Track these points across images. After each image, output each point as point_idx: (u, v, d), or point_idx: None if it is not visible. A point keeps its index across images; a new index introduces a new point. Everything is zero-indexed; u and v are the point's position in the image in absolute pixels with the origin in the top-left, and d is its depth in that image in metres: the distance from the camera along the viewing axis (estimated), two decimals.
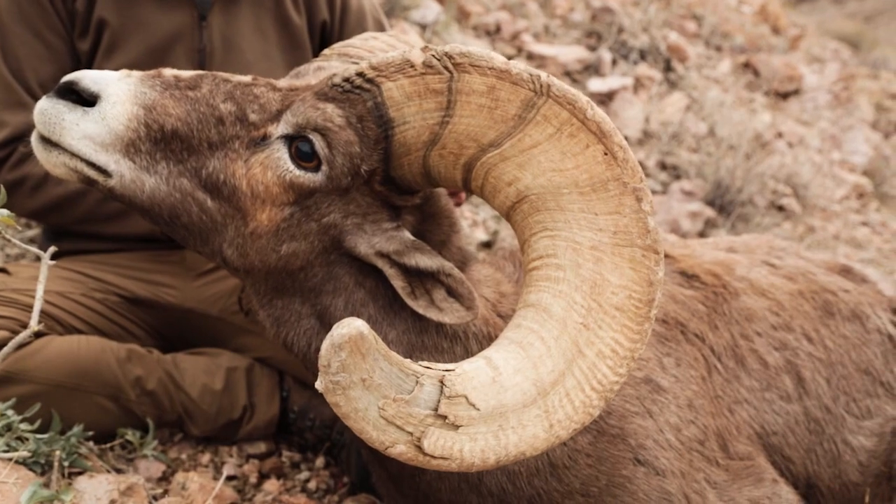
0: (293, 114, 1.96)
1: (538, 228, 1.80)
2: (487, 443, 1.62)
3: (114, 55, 3.08)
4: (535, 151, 1.77)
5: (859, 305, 2.99)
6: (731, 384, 2.59)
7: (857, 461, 2.79)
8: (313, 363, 2.14)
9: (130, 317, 3.22)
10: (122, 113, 1.91)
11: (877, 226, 6.98)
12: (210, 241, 2.05)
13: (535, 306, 1.75)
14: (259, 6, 3.26)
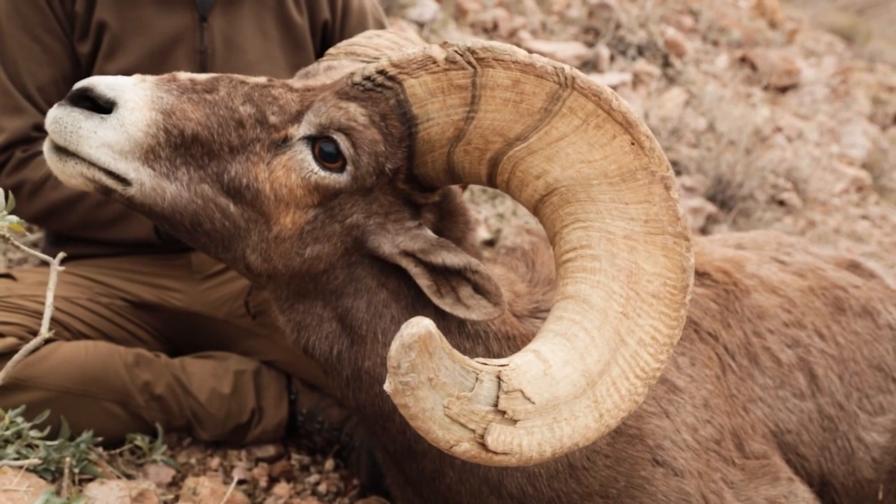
0: (315, 114, 1.94)
1: (570, 220, 1.80)
2: (543, 436, 1.62)
3: (115, 58, 3.05)
4: (563, 143, 1.77)
5: (870, 301, 2.98)
6: (745, 382, 2.58)
7: (871, 458, 2.78)
8: (335, 367, 2.13)
9: (136, 321, 3.20)
10: (140, 119, 1.87)
11: (877, 219, 6.98)
12: (233, 248, 2.01)
13: (574, 298, 1.75)
14: (261, 6, 3.23)
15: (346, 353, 2.11)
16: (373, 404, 2.14)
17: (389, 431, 2.17)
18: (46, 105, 3.03)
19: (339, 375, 2.15)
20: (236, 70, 3.17)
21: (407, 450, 2.19)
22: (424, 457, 2.18)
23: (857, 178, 7.36)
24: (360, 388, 2.13)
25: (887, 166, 7.97)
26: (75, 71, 3.08)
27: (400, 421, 2.12)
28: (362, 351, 2.08)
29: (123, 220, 3.06)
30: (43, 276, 3.08)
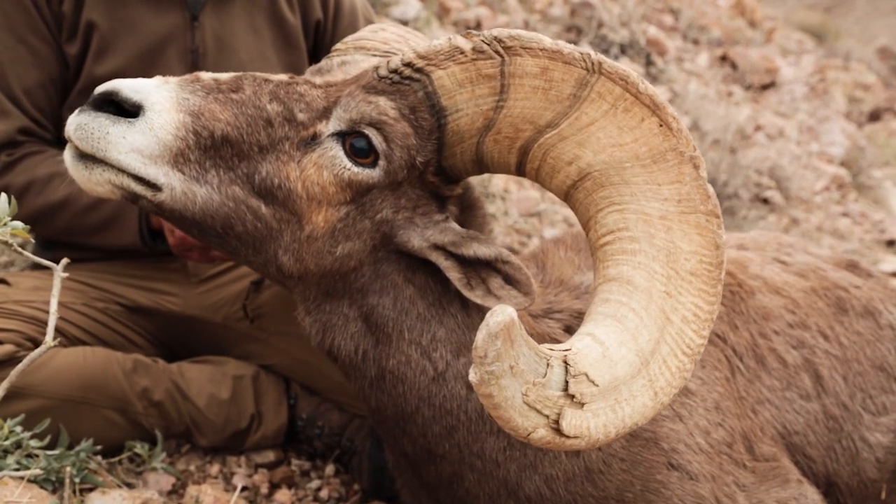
0: (344, 109, 1.91)
1: (605, 204, 1.81)
2: (608, 417, 1.65)
3: (104, 58, 3.00)
4: (593, 129, 1.79)
5: (871, 301, 3.00)
6: (753, 384, 2.58)
7: (875, 458, 2.79)
8: (359, 368, 2.10)
9: (132, 326, 3.15)
10: (169, 121, 1.81)
11: (857, 216, 7.05)
12: (264, 250, 1.98)
13: (617, 280, 1.77)
14: (252, 5, 3.19)
15: (371, 353, 2.08)
16: (395, 405, 2.11)
17: (410, 433, 2.15)
18: (33, 108, 2.98)
19: (362, 376, 2.12)
20: (228, 69, 3.10)
21: (426, 452, 2.17)
22: (443, 460, 2.17)
23: (836, 176, 7.43)
24: (383, 388, 2.10)
25: (865, 164, 8.05)
26: (63, 73, 3.03)
27: (421, 422, 2.10)
28: (387, 350, 2.07)
29: (109, 227, 2.99)
30: (37, 280, 3.03)
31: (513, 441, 2.14)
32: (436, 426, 2.11)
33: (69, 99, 3.06)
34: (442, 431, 2.12)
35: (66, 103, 3.06)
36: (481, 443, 2.13)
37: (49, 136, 3.06)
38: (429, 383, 2.08)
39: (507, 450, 2.15)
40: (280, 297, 3.18)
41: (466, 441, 2.12)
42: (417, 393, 2.08)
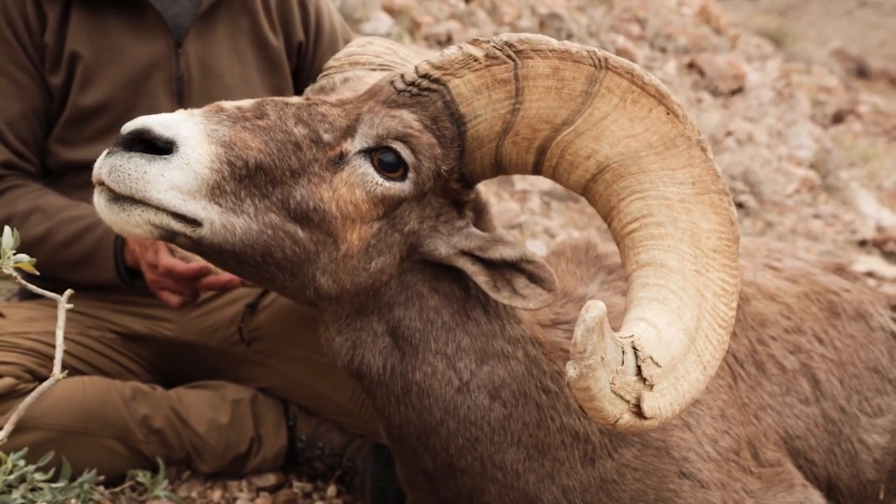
0: (370, 126, 1.93)
1: (626, 193, 1.89)
2: (672, 395, 1.73)
3: (89, 88, 2.99)
4: (607, 122, 1.86)
5: (862, 304, 3.05)
6: (755, 391, 2.61)
7: (873, 459, 2.83)
8: (385, 385, 2.11)
9: (128, 353, 3.13)
10: (204, 155, 1.79)
11: (828, 218, 7.16)
12: (302, 273, 1.96)
13: (651, 264, 1.84)
14: (235, 29, 3.19)
15: (398, 367, 2.09)
16: (419, 419, 2.12)
17: (432, 448, 2.16)
18: (16, 140, 2.96)
19: (388, 392, 2.12)
20: (214, 95, 3.10)
21: (447, 467, 2.18)
22: (465, 473, 2.18)
23: (806, 179, 7.54)
24: (408, 402, 2.11)
25: (832, 166, 8.19)
26: (46, 104, 3.01)
27: (445, 435, 2.12)
28: (414, 362, 2.08)
29: (86, 264, 2.94)
30: (30, 311, 3.00)
31: (531, 452, 2.17)
32: (460, 438, 2.12)
33: (54, 131, 3.04)
34: (465, 444, 2.13)
35: (51, 135, 3.04)
36: (503, 454, 2.15)
37: (32, 169, 3.04)
38: (454, 394, 2.10)
39: (527, 461, 2.17)
40: (276, 318, 3.17)
41: (489, 453, 2.14)
42: (443, 405, 2.10)
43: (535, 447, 2.17)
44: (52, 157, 3.07)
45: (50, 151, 3.07)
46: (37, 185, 3.00)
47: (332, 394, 3.11)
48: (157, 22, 3.03)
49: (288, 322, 3.16)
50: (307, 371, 3.14)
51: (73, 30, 2.97)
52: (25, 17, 2.95)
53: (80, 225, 2.90)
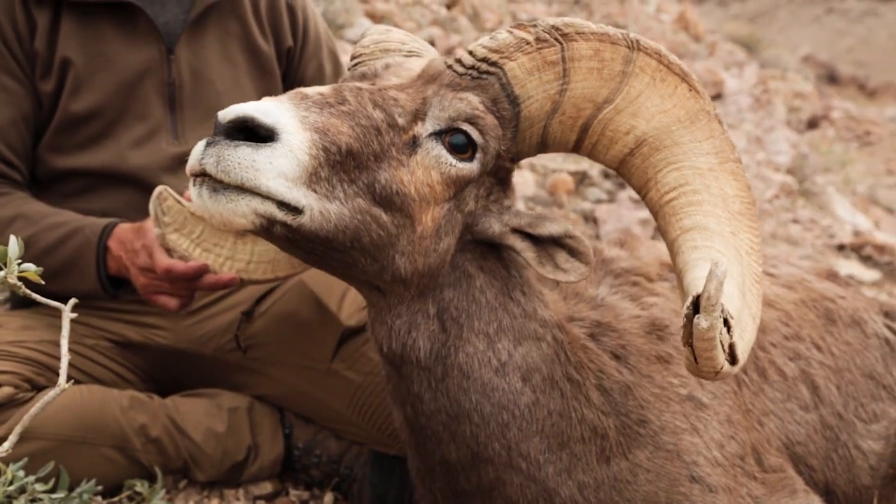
0: (441, 108, 1.98)
1: (662, 165, 2.03)
2: (742, 344, 1.87)
3: (80, 94, 2.97)
4: (641, 99, 2.01)
5: (857, 311, 3.08)
6: (758, 397, 2.64)
7: (868, 465, 2.87)
8: (428, 368, 2.14)
9: (123, 362, 3.10)
10: (303, 141, 1.79)
11: (807, 222, 7.23)
12: (382, 257, 1.99)
13: (695, 228, 1.98)
14: (226, 34, 3.18)
15: (441, 350, 2.13)
16: (453, 403, 2.15)
17: (461, 435, 2.17)
18: (4, 147, 2.93)
19: (428, 378, 2.15)
20: (205, 101, 3.12)
21: (472, 456, 2.19)
22: (489, 463, 2.19)
23: (785, 184, 7.61)
24: (446, 386, 2.14)
25: (809, 171, 8.27)
26: (36, 111, 2.98)
27: (478, 419, 2.15)
28: (458, 343, 2.12)
29: (67, 272, 2.88)
30: (24, 319, 2.96)
31: (552, 444, 2.21)
32: (491, 423, 2.15)
33: (44, 138, 3.00)
34: (495, 429, 2.16)
35: (41, 142, 3.00)
36: (528, 443, 2.18)
37: (20, 178, 3.00)
38: (492, 376, 2.14)
39: (547, 452, 2.21)
40: (273, 326, 3.15)
41: (516, 440, 2.17)
42: (481, 387, 2.14)
43: (555, 438, 2.20)
44: (41, 164, 3.03)
45: (39, 159, 3.03)
46: (23, 194, 2.96)
47: (329, 401, 3.10)
48: (148, 28, 3.01)
49: (284, 329, 3.15)
50: (304, 378, 3.13)
51: (64, 35, 2.95)
52: (15, 23, 2.92)
53: (62, 231, 2.86)
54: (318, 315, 3.13)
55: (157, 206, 2.59)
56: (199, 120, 3.10)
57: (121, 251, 2.80)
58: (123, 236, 2.82)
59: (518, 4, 8.84)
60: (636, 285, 2.68)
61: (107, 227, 2.86)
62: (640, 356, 2.44)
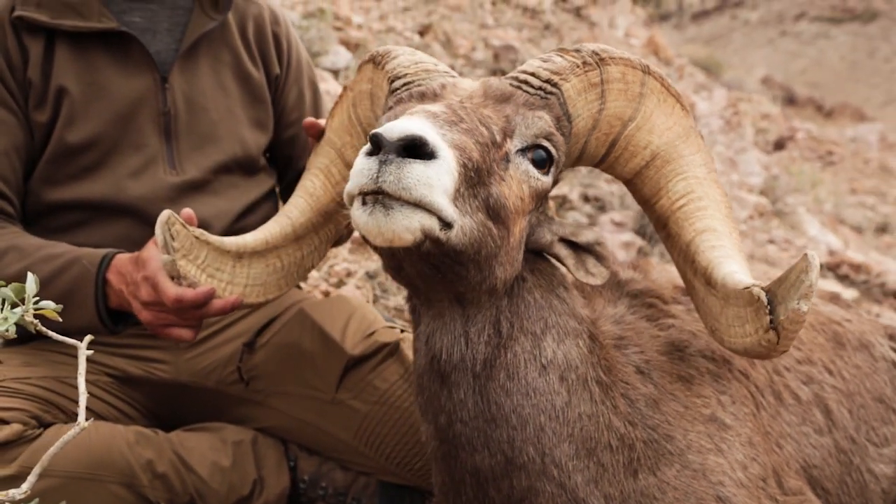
0: (526, 126, 2.10)
1: (672, 175, 2.28)
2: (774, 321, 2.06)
3: (75, 125, 2.90)
4: (653, 118, 2.26)
5: (864, 334, 3.10)
6: (775, 420, 2.64)
7: (881, 489, 2.88)
8: (477, 374, 2.18)
9: (123, 397, 3.02)
10: (452, 157, 1.88)
11: (782, 243, 7.32)
12: (488, 266, 2.07)
13: (707, 230, 2.23)
14: (218, 62, 3.14)
15: (491, 354, 2.18)
16: (496, 404, 2.17)
17: (495, 441, 2.18)
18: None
19: (472, 383, 2.18)
20: (200, 129, 3.08)
21: (505, 463, 2.19)
22: (522, 471, 2.19)
23: (758, 205, 7.71)
24: (489, 389, 2.18)
25: (780, 192, 8.39)
26: (28, 142, 2.91)
27: (516, 422, 2.17)
28: (507, 343, 2.18)
29: (63, 305, 2.80)
30: (25, 356, 2.88)
31: (580, 451, 2.23)
32: (529, 426, 2.17)
33: (37, 169, 2.93)
34: (531, 433, 2.18)
35: (33, 174, 2.93)
36: (560, 448, 2.20)
37: (11, 210, 2.92)
38: (535, 376, 2.19)
39: (575, 458, 2.22)
40: (275, 357, 3.11)
41: (550, 445, 2.19)
42: (524, 387, 2.18)
43: (583, 444, 2.23)
44: (32, 197, 2.96)
45: (29, 192, 2.96)
46: (15, 227, 2.88)
47: (335, 431, 3.06)
48: (142, 57, 2.97)
49: (287, 360, 3.11)
50: (308, 409, 3.09)
51: (59, 65, 2.90)
52: (7, 54, 2.87)
53: (58, 263, 2.77)
54: (321, 345, 3.09)
55: (166, 231, 2.48)
56: (195, 148, 3.06)
57: (121, 284, 2.71)
58: (123, 267, 2.72)
59: (490, 31, 8.89)
60: (652, 307, 2.68)
61: (105, 258, 2.76)
62: (662, 373, 2.46)
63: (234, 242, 2.62)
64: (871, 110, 26.63)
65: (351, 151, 2.62)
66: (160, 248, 2.50)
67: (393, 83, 2.31)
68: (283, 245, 2.70)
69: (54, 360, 2.88)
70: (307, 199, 2.70)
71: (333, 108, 2.68)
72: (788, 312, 1.94)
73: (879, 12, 48.70)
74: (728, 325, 2.20)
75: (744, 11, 52.00)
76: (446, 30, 8.50)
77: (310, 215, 2.70)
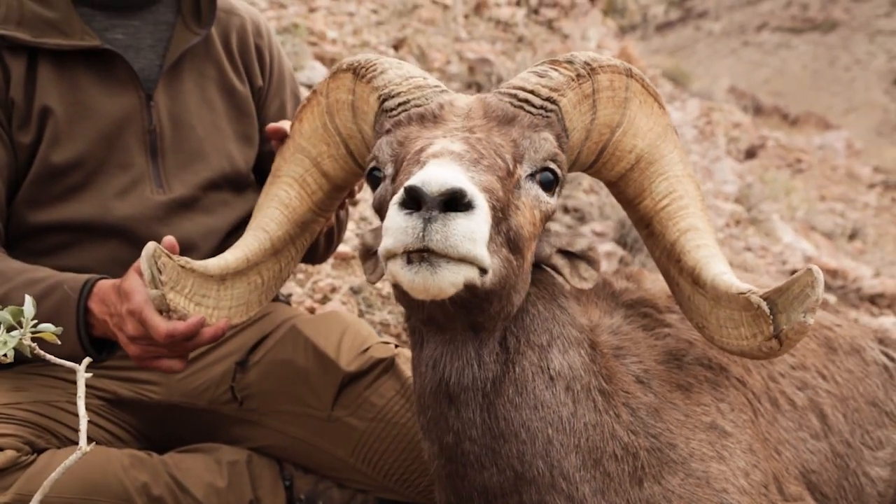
0: (534, 150, 2.08)
1: (655, 176, 2.31)
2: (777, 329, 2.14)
3: (60, 145, 2.83)
4: (637, 121, 2.27)
5: (855, 339, 3.13)
6: (773, 426, 2.66)
7: (877, 492, 2.90)
8: (485, 393, 2.15)
9: (115, 420, 2.97)
10: (486, 203, 1.86)
11: (758, 250, 7.39)
12: (507, 295, 2.06)
13: (691, 229, 2.30)
14: (202, 78, 3.10)
15: (500, 371, 2.15)
16: (506, 419, 2.15)
17: (504, 456, 2.16)
18: None
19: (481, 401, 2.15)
20: (186, 146, 3.03)
21: (514, 479, 2.17)
22: (531, 485, 2.17)
23: (734, 213, 7.78)
24: (497, 406, 2.15)
25: (755, 200, 8.47)
26: (11, 163, 2.83)
27: (526, 436, 2.15)
28: (515, 358, 2.17)
29: None
30: (13, 381, 2.81)
31: (586, 461, 2.23)
32: (538, 439, 2.16)
33: (20, 191, 2.86)
34: (541, 446, 2.16)
35: (16, 196, 2.86)
36: (567, 459, 2.19)
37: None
38: (543, 388, 2.17)
39: (582, 469, 2.22)
40: (268, 375, 3.08)
41: (558, 457, 2.18)
42: (532, 400, 2.16)
43: (590, 454, 2.22)
44: (15, 219, 2.88)
45: (13, 214, 2.89)
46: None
47: (331, 449, 3.04)
48: (126, 75, 2.92)
49: (281, 378, 3.07)
50: (303, 427, 3.06)
51: (42, 84, 2.83)
52: None
53: (40, 288, 2.66)
54: (315, 362, 3.07)
55: (153, 264, 2.33)
56: (182, 166, 3.01)
57: (105, 314, 2.61)
58: (105, 297, 2.61)
59: (463, 44, 8.92)
60: (647, 317, 2.70)
61: (87, 284, 2.66)
62: (662, 382, 2.48)
63: (217, 265, 2.49)
64: (834, 118, 26.99)
65: (329, 161, 2.53)
66: (147, 283, 2.35)
67: (385, 101, 2.25)
68: (263, 261, 2.59)
69: (43, 385, 2.82)
70: (283, 210, 2.58)
71: (300, 112, 2.58)
72: (793, 324, 2.00)
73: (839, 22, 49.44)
74: (719, 326, 2.26)
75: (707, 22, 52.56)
76: (420, 43, 8.52)
77: (287, 227, 2.59)
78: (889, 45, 46.58)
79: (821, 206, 11.68)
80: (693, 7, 54.34)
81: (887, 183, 14.87)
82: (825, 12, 49.99)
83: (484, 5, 9.73)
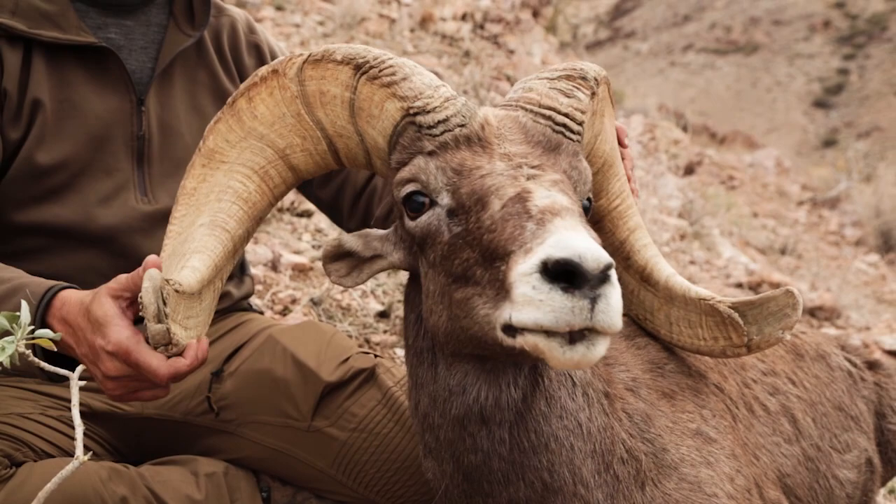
0: (583, 182, 2.09)
1: (612, 177, 2.44)
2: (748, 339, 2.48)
3: (46, 144, 2.75)
4: (605, 126, 2.36)
5: (820, 345, 3.23)
6: (750, 431, 2.72)
7: (846, 494, 2.99)
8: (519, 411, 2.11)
9: (88, 433, 2.89)
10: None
11: (703, 264, 7.55)
12: None
13: (637, 228, 2.52)
14: (193, 83, 3.06)
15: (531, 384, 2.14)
16: (536, 432, 2.11)
17: (532, 469, 2.12)
18: None
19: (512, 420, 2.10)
20: (173, 154, 2.97)
21: (542, 490, 2.14)
22: (558, 494, 2.15)
23: (678, 227, 7.94)
24: (527, 419, 2.10)
25: (697, 214, 8.66)
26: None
27: (555, 445, 2.12)
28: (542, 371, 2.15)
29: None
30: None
31: (599, 465, 2.22)
32: (564, 447, 2.14)
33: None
34: (566, 454, 2.14)
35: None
36: (586, 464, 2.18)
37: None
38: (567, 396, 2.17)
39: (597, 474, 2.21)
40: (245, 385, 3.03)
41: (579, 463, 2.16)
42: (559, 410, 2.14)
43: (602, 459, 2.21)
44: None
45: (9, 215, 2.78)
46: None
47: (311, 461, 3.00)
48: (119, 76, 2.87)
49: (258, 388, 3.02)
50: (283, 438, 3.01)
51: (35, 77, 2.75)
52: None
53: (3, 289, 2.44)
54: (294, 372, 3.02)
55: (158, 298, 2.00)
56: (168, 175, 2.94)
57: (69, 337, 2.28)
58: (71, 318, 2.28)
59: (410, 57, 8.86)
60: (627, 326, 2.73)
61: (46, 295, 2.33)
62: (649, 390, 2.51)
63: (196, 279, 2.11)
64: (757, 137, 27.75)
65: (301, 156, 2.26)
66: (150, 318, 2.03)
67: (418, 116, 2.03)
68: (225, 264, 2.26)
69: (14, 396, 2.76)
70: (242, 206, 2.24)
71: (251, 90, 2.24)
72: (766, 336, 2.35)
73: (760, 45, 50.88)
74: (669, 323, 2.53)
75: (635, 42, 53.64)
76: None
77: (247, 225, 2.27)
78: (807, 68, 48.10)
79: (754, 223, 11.97)
80: (621, 27, 55.40)
81: (815, 200, 15.36)
82: (747, 35, 51.41)
83: (430, 20, 9.77)
